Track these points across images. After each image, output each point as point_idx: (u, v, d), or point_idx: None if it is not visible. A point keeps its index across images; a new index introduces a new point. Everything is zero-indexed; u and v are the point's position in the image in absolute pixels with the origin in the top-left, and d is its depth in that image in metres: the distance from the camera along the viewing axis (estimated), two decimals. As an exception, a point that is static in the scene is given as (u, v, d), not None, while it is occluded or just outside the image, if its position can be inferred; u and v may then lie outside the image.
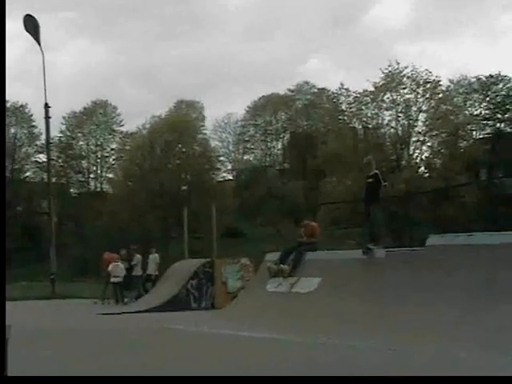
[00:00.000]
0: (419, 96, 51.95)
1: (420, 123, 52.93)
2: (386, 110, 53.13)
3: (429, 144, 53.98)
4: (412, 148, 53.49)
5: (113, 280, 24.62)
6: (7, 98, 68.58)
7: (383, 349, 9.65)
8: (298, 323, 13.15)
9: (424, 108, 52.40)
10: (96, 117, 70.74)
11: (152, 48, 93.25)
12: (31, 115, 67.70)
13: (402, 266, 13.14)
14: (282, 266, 16.30)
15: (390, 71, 51.46)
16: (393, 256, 13.73)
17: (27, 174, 70.45)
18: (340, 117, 58.27)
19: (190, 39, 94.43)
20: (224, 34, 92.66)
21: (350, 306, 13.14)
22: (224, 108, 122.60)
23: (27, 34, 34.78)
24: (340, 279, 14.30)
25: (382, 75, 51.64)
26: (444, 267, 12.05)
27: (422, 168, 54.78)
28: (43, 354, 9.79)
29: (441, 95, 52.64)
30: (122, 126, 71.33)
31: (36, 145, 68.49)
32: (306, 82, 70.05)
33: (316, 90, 68.90)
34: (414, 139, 53.28)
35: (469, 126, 55.51)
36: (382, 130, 54.34)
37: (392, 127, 53.71)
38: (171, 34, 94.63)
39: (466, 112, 56.03)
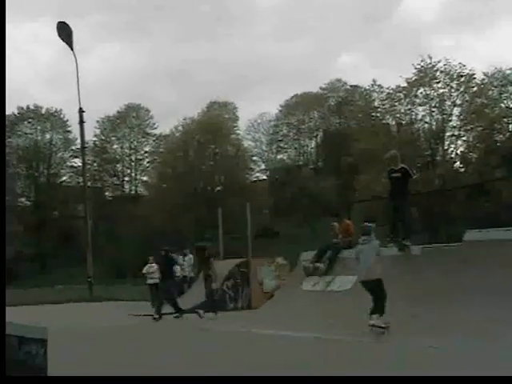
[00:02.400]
0: (453, 90, 51.43)
1: (454, 117, 52.46)
2: (420, 105, 52.70)
3: (464, 138, 53.45)
4: (447, 143, 52.99)
5: (149, 281, 24.71)
6: (42, 103, 69.84)
7: (423, 347, 9.52)
8: (334, 322, 13.06)
9: (458, 102, 51.86)
10: (129, 120, 71.34)
11: (183, 49, 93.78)
12: (66, 120, 68.60)
13: (439, 262, 12.97)
14: (317, 264, 16.23)
15: (422, 66, 51.06)
16: (429, 252, 13.56)
17: (63, 178, 71.33)
18: (373, 114, 57.94)
19: (221, 40, 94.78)
20: (255, 34, 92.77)
21: (387, 304, 12.99)
22: (257, 108, 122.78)
23: (60, 39, 35.13)
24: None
25: (415, 70, 51.28)
26: (482, 262, 11.86)
27: (458, 163, 54.20)
28: (78, 355, 9.86)
29: (475, 88, 51.99)
30: (156, 128, 71.91)
31: (71, 149, 69.31)
32: (338, 80, 69.85)
33: (348, 88, 68.60)
34: (448, 134, 52.77)
35: (505, 119, 54.68)
36: (416, 126, 53.88)
37: (426, 122, 53.29)
38: (202, 35, 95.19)
39: (502, 105, 55.25)
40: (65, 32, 35.03)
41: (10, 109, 72.25)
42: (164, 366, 8.61)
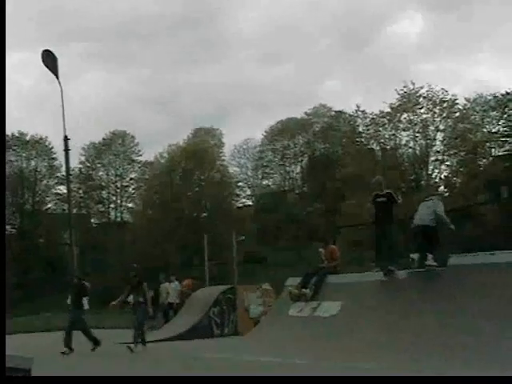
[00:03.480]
0: (436, 115, 51.91)
1: (438, 142, 52.84)
2: (404, 130, 53.11)
3: (448, 163, 53.82)
4: (431, 167, 53.34)
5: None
6: (27, 130, 69.70)
7: (409, 370, 9.55)
8: (320, 347, 13.07)
9: (441, 127, 52.32)
10: (115, 147, 71.31)
11: (168, 76, 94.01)
12: (51, 147, 68.41)
13: (425, 286, 13.05)
14: (303, 290, 16.25)
15: (405, 92, 51.53)
16: (415, 277, 13.63)
17: (48, 205, 71.04)
18: (357, 139, 58.31)
19: (206, 66, 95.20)
20: (239, 60, 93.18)
21: (372, 329, 13.04)
22: (242, 134, 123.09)
23: (45, 67, 35.17)
24: (362, 302, 14.22)
25: (398, 96, 51.75)
26: (467, 287, 11.95)
27: (442, 187, 54.46)
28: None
29: (458, 114, 52.55)
30: (141, 155, 71.85)
31: (57, 176, 69.09)
32: (323, 105, 70.19)
33: (333, 113, 68.98)
34: (432, 159, 53.15)
35: (487, 144, 55.16)
36: (400, 151, 54.25)
37: (410, 147, 53.65)
38: (186, 61, 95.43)
39: (484, 130, 55.75)
40: (49, 60, 34.99)
41: (-5, 136, 72.23)
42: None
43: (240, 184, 71.19)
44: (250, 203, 71.72)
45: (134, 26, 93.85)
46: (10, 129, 72.59)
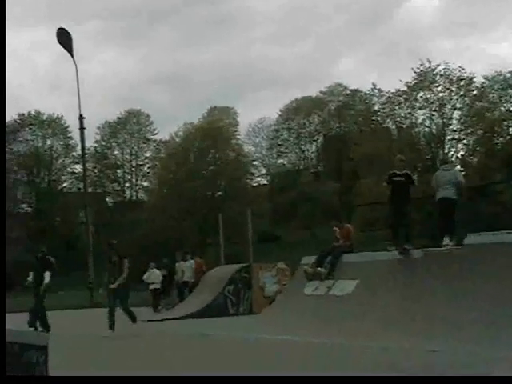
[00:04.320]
0: (453, 94, 51.40)
1: (455, 121, 52.38)
2: (420, 109, 52.65)
3: (464, 142, 53.37)
4: (447, 146, 52.94)
5: (150, 287, 24.81)
6: (44, 109, 69.96)
7: (423, 350, 9.52)
8: (335, 326, 13.06)
9: (458, 106, 51.83)
10: (130, 126, 71.45)
11: (183, 54, 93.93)
12: (67, 126, 68.65)
13: (440, 265, 12.95)
14: (318, 269, 16.21)
15: (422, 70, 51.01)
16: (430, 256, 13.53)
17: (64, 184, 71.40)
18: (373, 118, 57.92)
19: (220, 44, 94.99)
20: (254, 38, 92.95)
21: (387, 308, 13.00)
22: (257, 112, 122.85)
23: (60, 46, 35.19)
24: (377, 281, 14.17)
25: (414, 74, 51.25)
26: (483, 266, 11.84)
27: (458, 166, 54.05)
28: (78, 362, 9.85)
29: (475, 92, 51.97)
30: (156, 134, 71.99)
31: (72, 155, 69.37)
32: (339, 84, 69.91)
33: (348, 92, 68.63)
34: (448, 138, 52.71)
35: (505, 123, 54.60)
36: (416, 130, 53.83)
37: (426, 126, 53.21)
38: (201, 39, 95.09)
39: (502, 108, 55.24)
40: (64, 38, 35.08)
41: (11, 115, 72.54)
42: (166, 372, 8.59)
43: (255, 163, 71.19)
44: (265, 182, 71.73)
45: (150, 3, 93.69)
46: (27, 108, 73.10)
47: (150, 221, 59.27)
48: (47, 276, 16.14)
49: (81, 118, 35.22)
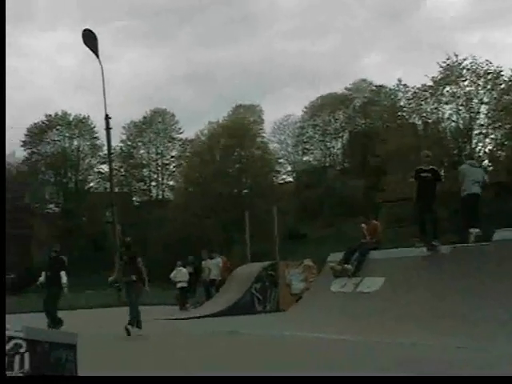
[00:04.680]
0: (480, 88, 50.90)
1: (482, 115, 51.85)
2: (446, 103, 52.22)
3: (492, 136, 52.83)
4: (474, 141, 52.44)
5: (178, 286, 24.92)
6: (70, 110, 70.57)
7: (451, 347, 9.43)
8: (363, 323, 13.00)
9: (486, 100, 51.31)
10: (155, 125, 71.77)
11: (208, 52, 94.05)
12: (93, 127, 69.20)
13: (468, 261, 12.83)
14: (345, 265, 16.15)
15: (448, 64, 50.58)
16: (458, 252, 13.42)
17: (91, 184, 71.97)
18: (399, 113, 57.60)
19: (245, 41, 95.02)
20: (279, 34, 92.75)
21: (414, 305, 12.91)
22: (282, 110, 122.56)
23: (85, 46, 35.41)
24: (405, 277, 14.08)
25: (441, 69, 50.85)
26: (510, 262, 11.71)
27: (486, 161, 53.55)
28: (106, 360, 9.90)
29: (503, 86, 51.35)
30: (181, 133, 72.22)
31: (99, 155, 69.88)
32: (363, 80, 69.56)
33: (374, 88, 68.28)
34: (476, 132, 52.22)
35: (534, 116, 53.94)
36: (443, 125, 53.40)
37: (453, 121, 52.78)
38: (226, 37, 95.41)
39: (531, 102, 54.51)
40: (90, 39, 35.30)
41: (39, 116, 73.22)
42: (197, 371, 8.59)
43: (281, 160, 71.14)
44: (291, 179, 71.66)
45: (174, 2, 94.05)
46: (54, 109, 73.77)
47: (175, 219, 59.50)
48: (64, 275, 16.01)
49: (107, 118, 35.43)
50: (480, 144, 52.63)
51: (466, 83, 50.99)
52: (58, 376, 5.80)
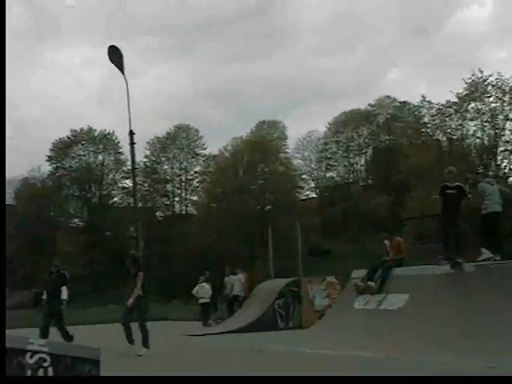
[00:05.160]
0: (505, 104, 50.52)
1: (507, 132, 51.38)
2: (471, 120, 51.87)
3: (518, 153, 52.33)
4: (500, 158, 51.99)
5: (200, 301, 24.93)
6: (95, 125, 71.22)
7: (480, 366, 9.32)
8: (386, 340, 12.90)
9: (511, 116, 50.90)
10: (179, 141, 72.09)
11: (232, 69, 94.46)
12: (118, 142, 69.73)
13: (494, 279, 12.71)
14: (369, 282, 16.07)
15: (473, 80, 50.29)
16: (483, 270, 13.30)
17: (115, 199, 72.39)
18: (423, 130, 57.32)
19: (268, 57, 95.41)
20: (302, 50, 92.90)
21: (438, 322, 12.80)
22: (305, 126, 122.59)
23: (110, 62, 35.70)
24: (429, 295, 13.97)
25: (465, 85, 50.57)
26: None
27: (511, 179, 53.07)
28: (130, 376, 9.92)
29: (529, 102, 50.95)
30: (205, 148, 72.45)
31: (123, 170, 70.29)
32: (387, 96, 69.39)
33: (397, 104, 68.11)
34: (501, 149, 51.75)
35: (560, 133, 53.38)
36: (468, 141, 53.03)
37: (478, 137, 52.38)
38: (250, 54, 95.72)
39: (557, 118, 53.97)
40: (115, 56, 35.44)
41: (64, 132, 73.89)
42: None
43: (304, 176, 71.04)
44: (314, 195, 71.55)
45: (199, 18, 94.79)
46: (79, 124, 74.34)
47: (198, 234, 59.60)
48: (64, 291, 15.85)
49: (131, 133, 35.43)
50: (505, 161, 52.15)
51: (491, 99, 50.64)
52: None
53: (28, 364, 5.71)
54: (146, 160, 70.67)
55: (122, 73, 35.60)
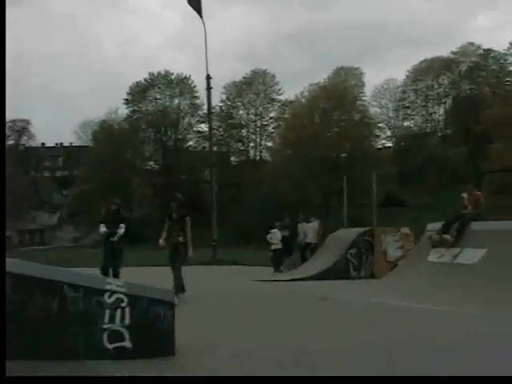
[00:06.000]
0: None
1: None
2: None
3: None
4: None
5: (272, 247, 25.08)
6: (172, 69, 71.72)
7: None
8: (460, 295, 12.69)
9: None
10: (255, 86, 71.92)
11: (311, 13, 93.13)
12: (194, 86, 70.08)
13: None
14: (444, 236, 15.77)
15: None
16: None
17: (190, 143, 73.16)
18: (508, 79, 55.42)
19: (347, 3, 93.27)
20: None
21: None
22: (383, 73, 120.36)
23: (188, 5, 35.64)
24: (507, 250, 13.60)
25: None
26: None
27: None
28: (203, 320, 10.09)
29: None
30: (281, 94, 72.17)
31: (198, 114, 70.80)
32: (471, 43, 67.18)
33: (481, 52, 65.83)
34: None
35: None
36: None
37: None
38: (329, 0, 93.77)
39: None
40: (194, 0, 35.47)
41: (142, 75, 74.72)
42: (293, 337, 8.64)
43: (380, 125, 70.13)
44: (390, 145, 70.58)
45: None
46: (157, 68, 75.09)
47: (272, 181, 59.76)
48: (122, 227, 15.49)
49: (208, 77, 35.71)
50: None
51: None
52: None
53: (106, 303, 5.84)
54: (221, 104, 71.02)
55: (201, 16, 35.67)
